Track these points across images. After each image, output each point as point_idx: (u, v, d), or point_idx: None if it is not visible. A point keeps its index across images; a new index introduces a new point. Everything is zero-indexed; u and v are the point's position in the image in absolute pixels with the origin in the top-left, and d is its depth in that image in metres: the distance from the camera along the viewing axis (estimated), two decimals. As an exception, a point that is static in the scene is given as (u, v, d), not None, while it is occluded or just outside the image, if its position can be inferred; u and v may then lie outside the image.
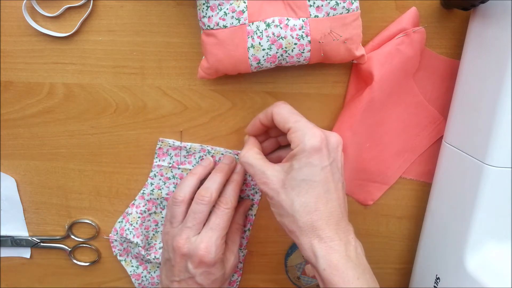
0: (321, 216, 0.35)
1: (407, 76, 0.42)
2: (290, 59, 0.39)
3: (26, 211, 0.49)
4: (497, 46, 0.35)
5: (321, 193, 0.35)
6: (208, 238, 0.40)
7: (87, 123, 0.45)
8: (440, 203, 0.43)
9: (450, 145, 0.41)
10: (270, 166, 0.37)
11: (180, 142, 0.45)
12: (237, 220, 0.46)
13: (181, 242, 0.40)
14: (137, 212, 0.47)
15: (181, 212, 0.42)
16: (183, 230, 0.41)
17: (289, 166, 0.36)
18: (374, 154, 0.45)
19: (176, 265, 0.41)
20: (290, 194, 0.35)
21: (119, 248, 0.49)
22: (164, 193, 0.47)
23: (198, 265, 0.40)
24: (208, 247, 0.39)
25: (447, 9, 0.41)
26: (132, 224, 0.47)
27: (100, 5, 0.41)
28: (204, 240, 0.40)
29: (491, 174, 0.36)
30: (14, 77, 0.44)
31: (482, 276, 0.37)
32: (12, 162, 0.47)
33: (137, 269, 0.50)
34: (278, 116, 0.38)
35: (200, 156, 0.46)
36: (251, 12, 0.37)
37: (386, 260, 0.51)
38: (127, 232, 0.47)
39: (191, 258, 0.40)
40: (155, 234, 0.49)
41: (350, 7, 0.37)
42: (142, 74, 0.43)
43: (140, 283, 0.51)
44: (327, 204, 0.35)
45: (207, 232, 0.40)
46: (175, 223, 0.42)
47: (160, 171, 0.46)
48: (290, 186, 0.35)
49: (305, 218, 0.35)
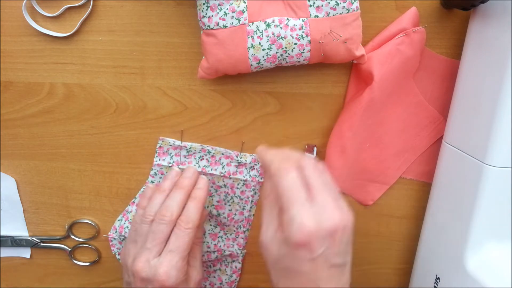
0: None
1: (407, 76, 0.42)
2: (290, 59, 0.39)
3: (26, 211, 0.49)
4: (497, 46, 0.35)
5: (306, 283, 0.31)
6: (167, 262, 0.37)
7: (87, 123, 0.45)
8: (440, 203, 0.43)
9: (450, 145, 0.41)
10: (273, 230, 0.33)
11: (180, 142, 0.45)
12: (196, 235, 0.42)
13: (139, 265, 0.38)
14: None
15: (148, 231, 0.39)
16: (143, 252, 0.38)
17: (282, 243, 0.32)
18: (374, 154, 0.45)
19: (135, 284, 0.38)
20: (277, 274, 0.33)
21: (118, 247, 0.49)
22: None
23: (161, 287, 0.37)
24: (167, 271, 0.37)
25: (447, 9, 0.41)
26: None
27: (100, 5, 0.41)
28: (163, 263, 0.37)
29: (491, 174, 0.36)
30: (14, 77, 0.44)
31: (482, 276, 0.37)
32: (12, 162, 0.47)
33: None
34: (282, 189, 0.32)
35: (200, 156, 0.46)
36: (251, 12, 0.37)
37: (386, 260, 0.51)
38: (126, 230, 0.47)
39: (151, 283, 0.37)
40: None
41: (350, 7, 0.37)
42: (142, 74, 0.43)
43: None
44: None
45: (166, 255, 0.38)
46: (140, 242, 0.39)
47: (161, 169, 0.46)
48: (277, 266, 0.33)
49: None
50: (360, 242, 0.50)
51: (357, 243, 0.50)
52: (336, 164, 0.44)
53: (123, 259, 0.41)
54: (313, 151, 0.45)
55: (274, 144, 0.46)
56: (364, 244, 0.50)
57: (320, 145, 0.46)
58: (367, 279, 0.52)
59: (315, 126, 0.45)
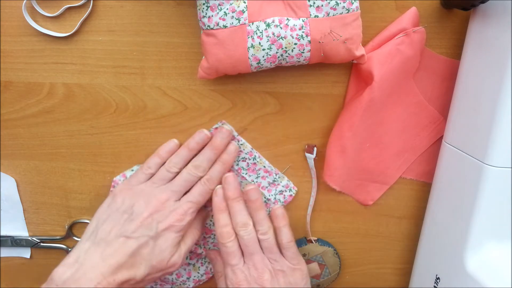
0: None
1: (407, 76, 0.42)
2: (290, 59, 0.39)
3: (26, 211, 0.49)
4: (497, 46, 0.35)
5: None
6: (186, 208, 0.41)
7: (87, 123, 0.45)
8: (440, 203, 0.43)
9: (450, 145, 0.41)
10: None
11: (236, 134, 0.45)
12: (195, 226, 0.45)
13: (161, 201, 0.41)
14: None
15: (169, 178, 0.43)
16: (166, 191, 0.41)
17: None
18: (374, 154, 0.45)
19: (138, 220, 0.40)
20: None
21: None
22: None
23: (166, 228, 0.40)
24: (183, 215, 0.40)
25: (447, 9, 0.41)
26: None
27: (100, 5, 0.41)
28: (183, 207, 0.41)
29: (491, 174, 0.36)
30: (14, 77, 0.44)
31: (482, 276, 0.37)
32: (12, 162, 0.47)
33: None
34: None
35: (243, 157, 0.46)
36: (251, 12, 0.37)
37: (386, 260, 0.51)
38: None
39: (162, 220, 0.40)
40: None
41: (350, 7, 0.37)
42: (142, 74, 0.43)
43: None
44: None
45: (186, 203, 0.41)
46: (158, 183, 0.42)
47: None
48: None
49: None
50: (360, 242, 0.50)
51: (357, 243, 0.50)
52: (336, 164, 0.44)
53: (129, 194, 0.42)
54: (313, 151, 0.45)
55: (274, 144, 0.46)
56: (364, 244, 0.50)
57: (320, 145, 0.46)
58: (367, 279, 0.52)
59: (315, 126, 0.45)
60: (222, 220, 0.42)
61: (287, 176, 0.47)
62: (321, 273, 0.48)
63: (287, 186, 0.47)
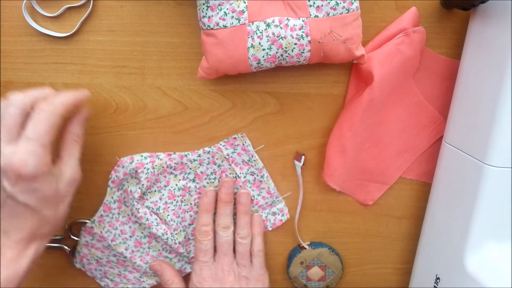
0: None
1: (407, 76, 0.42)
2: (290, 59, 0.39)
3: (26, 211, 0.49)
4: (497, 46, 0.35)
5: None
6: (24, 148, 0.33)
7: (87, 123, 0.45)
8: (440, 203, 0.43)
9: (450, 145, 0.41)
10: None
11: (252, 150, 0.46)
12: (71, 130, 0.39)
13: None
14: (166, 160, 0.45)
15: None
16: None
17: None
18: (374, 154, 0.45)
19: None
20: None
21: (117, 175, 0.46)
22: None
23: (16, 181, 0.34)
24: (24, 158, 0.33)
25: (447, 9, 0.41)
26: (154, 168, 0.45)
27: (100, 5, 0.41)
28: (19, 150, 0.33)
29: (491, 174, 0.36)
30: (14, 77, 0.44)
31: (482, 276, 0.37)
32: (12, 162, 0.47)
33: (113, 204, 0.47)
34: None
35: (251, 172, 0.47)
36: (251, 12, 0.37)
37: (386, 260, 0.51)
38: (144, 171, 0.44)
39: (6, 173, 0.34)
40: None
41: (350, 7, 0.37)
42: (142, 74, 0.43)
43: (107, 215, 0.48)
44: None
45: (22, 142, 0.34)
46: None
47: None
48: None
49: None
50: (360, 242, 0.50)
51: (357, 243, 0.50)
52: (336, 164, 0.44)
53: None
54: (301, 159, 0.45)
55: (274, 144, 0.46)
56: (364, 244, 0.50)
57: (320, 145, 0.46)
58: (367, 279, 0.52)
59: (315, 126, 0.45)
60: (205, 219, 0.45)
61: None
62: (325, 274, 0.48)
63: (282, 210, 0.48)
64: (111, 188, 0.46)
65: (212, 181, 0.47)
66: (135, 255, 0.48)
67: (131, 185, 0.45)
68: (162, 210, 0.46)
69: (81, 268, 0.50)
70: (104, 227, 0.47)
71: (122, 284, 0.50)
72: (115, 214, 0.47)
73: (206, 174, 0.46)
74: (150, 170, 0.44)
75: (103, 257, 0.49)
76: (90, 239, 0.48)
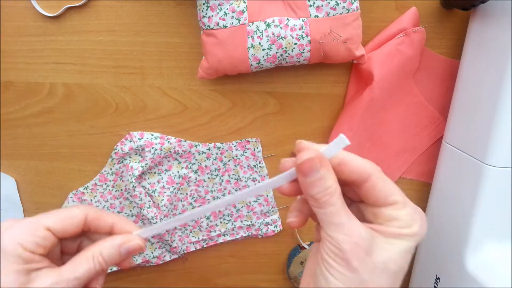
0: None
1: (407, 76, 0.42)
2: (290, 59, 0.39)
3: (26, 211, 0.49)
4: (497, 46, 0.35)
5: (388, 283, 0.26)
6: (19, 220, 0.29)
7: (87, 123, 0.45)
8: (440, 203, 0.43)
9: (450, 145, 0.41)
10: (364, 227, 0.27)
11: (261, 156, 0.46)
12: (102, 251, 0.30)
13: None
14: (175, 146, 0.45)
15: None
16: None
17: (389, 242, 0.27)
18: (374, 154, 0.45)
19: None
20: (384, 279, 0.26)
21: (122, 148, 0.45)
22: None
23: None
24: (9, 224, 0.29)
25: (447, 9, 0.41)
26: (162, 150, 0.44)
27: (100, 5, 0.41)
28: (12, 221, 0.29)
29: (491, 174, 0.36)
30: (14, 77, 0.44)
31: (482, 276, 0.37)
32: (12, 162, 0.47)
33: (110, 176, 0.46)
34: (383, 183, 0.27)
35: (254, 177, 0.46)
36: (251, 12, 0.37)
37: (386, 260, 0.51)
38: (151, 150, 0.44)
39: None
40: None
41: (350, 7, 0.37)
42: (142, 74, 0.43)
43: (101, 185, 0.47)
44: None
45: None
46: None
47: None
48: (388, 269, 0.26)
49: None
50: None
51: (357, 243, 0.50)
52: (336, 164, 0.43)
53: None
54: None
55: (274, 144, 0.46)
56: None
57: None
58: (367, 279, 0.52)
59: (315, 126, 0.45)
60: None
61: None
62: None
63: (275, 221, 0.48)
64: (112, 160, 0.46)
65: (213, 177, 0.47)
66: None
67: (133, 161, 0.45)
68: (158, 193, 0.46)
69: None
70: (95, 196, 0.47)
71: None
72: (109, 186, 0.47)
73: (210, 169, 0.46)
74: (157, 152, 0.44)
75: None
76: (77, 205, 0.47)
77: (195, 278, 0.52)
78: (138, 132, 0.45)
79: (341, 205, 0.27)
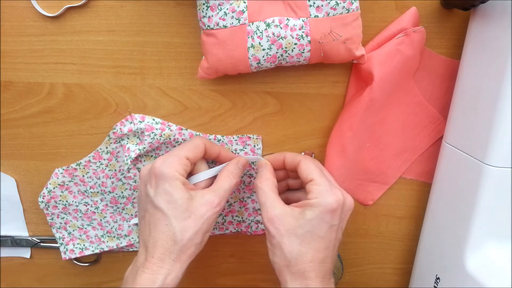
0: (314, 268, 0.36)
1: (407, 76, 0.42)
2: (290, 59, 0.39)
3: (26, 211, 0.49)
4: (497, 46, 0.35)
5: (321, 248, 0.36)
6: (166, 156, 0.38)
7: (87, 123, 0.45)
8: (440, 203, 0.43)
9: (450, 145, 0.41)
10: (282, 205, 0.38)
11: (261, 153, 0.46)
12: (229, 167, 0.41)
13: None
14: (175, 133, 0.45)
15: None
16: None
17: (300, 213, 0.37)
18: (374, 154, 0.45)
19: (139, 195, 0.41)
20: (293, 240, 0.36)
21: (121, 129, 0.44)
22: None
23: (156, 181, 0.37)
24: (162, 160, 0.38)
25: (447, 9, 0.41)
26: (162, 136, 0.44)
27: (100, 5, 0.41)
28: (162, 158, 0.38)
29: (491, 174, 0.36)
30: (14, 77, 0.44)
31: (482, 276, 0.37)
32: (12, 162, 0.47)
33: (105, 154, 0.46)
34: (305, 165, 0.39)
35: (250, 174, 0.47)
36: (251, 12, 0.37)
37: (386, 260, 0.51)
38: (151, 135, 0.43)
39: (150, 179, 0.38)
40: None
41: (350, 7, 0.37)
42: (142, 74, 0.43)
43: (95, 163, 0.46)
44: (323, 259, 0.36)
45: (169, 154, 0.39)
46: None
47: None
48: (295, 233, 0.36)
49: (299, 266, 0.36)
50: (360, 242, 0.50)
51: (357, 243, 0.50)
52: (336, 164, 0.44)
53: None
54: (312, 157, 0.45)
55: (274, 144, 0.46)
56: (364, 244, 0.50)
57: (320, 145, 0.46)
58: (367, 279, 0.52)
59: (315, 126, 0.45)
60: None
61: None
62: None
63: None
64: (109, 139, 0.45)
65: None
66: (107, 210, 0.48)
67: (130, 142, 0.44)
68: None
69: (43, 209, 0.48)
70: (88, 172, 0.46)
71: (78, 240, 0.49)
72: (103, 164, 0.46)
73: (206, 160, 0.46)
74: (157, 137, 0.44)
75: (73, 203, 0.48)
76: (68, 180, 0.47)
77: (195, 278, 0.52)
78: (139, 115, 0.44)
79: (269, 190, 0.39)
